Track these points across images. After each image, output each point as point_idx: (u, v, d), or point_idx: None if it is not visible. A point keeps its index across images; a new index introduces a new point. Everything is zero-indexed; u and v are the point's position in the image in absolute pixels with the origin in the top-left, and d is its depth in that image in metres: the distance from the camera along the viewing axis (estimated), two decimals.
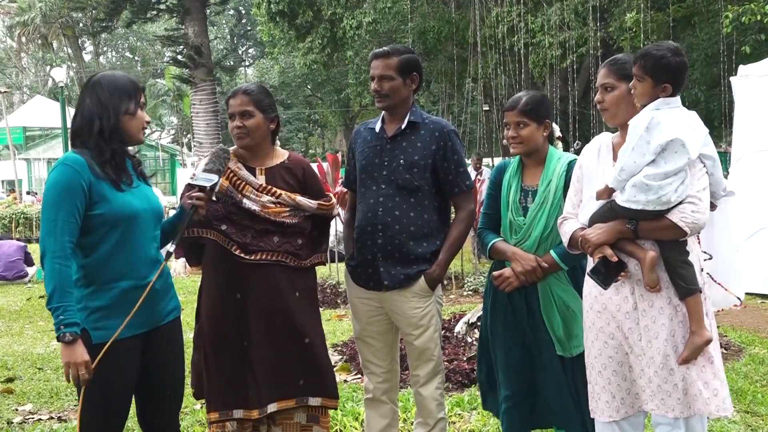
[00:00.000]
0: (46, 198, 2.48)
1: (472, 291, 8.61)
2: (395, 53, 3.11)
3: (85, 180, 2.47)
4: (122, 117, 2.56)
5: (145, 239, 2.61)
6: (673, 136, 2.39)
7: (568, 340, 2.87)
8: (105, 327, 2.49)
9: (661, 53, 2.46)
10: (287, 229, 3.03)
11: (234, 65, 37.68)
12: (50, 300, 2.39)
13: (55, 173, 2.49)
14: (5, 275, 10.93)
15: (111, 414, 2.55)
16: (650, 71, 2.46)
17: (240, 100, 3.00)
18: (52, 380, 5.32)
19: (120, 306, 2.51)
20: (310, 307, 3.12)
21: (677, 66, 2.47)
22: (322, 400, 3.10)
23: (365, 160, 3.19)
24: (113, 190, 2.53)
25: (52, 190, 2.47)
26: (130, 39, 45.04)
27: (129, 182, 2.61)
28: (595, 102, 2.70)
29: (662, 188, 2.38)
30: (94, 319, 2.50)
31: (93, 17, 25.56)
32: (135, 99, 2.60)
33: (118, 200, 2.52)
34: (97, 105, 2.55)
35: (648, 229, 2.46)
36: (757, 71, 8.08)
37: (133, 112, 2.59)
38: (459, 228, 3.17)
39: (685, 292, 2.45)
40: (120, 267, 2.53)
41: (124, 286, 2.53)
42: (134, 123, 2.61)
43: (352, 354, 5.36)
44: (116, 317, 2.50)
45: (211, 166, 2.81)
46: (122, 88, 2.59)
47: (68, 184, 2.45)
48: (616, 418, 2.56)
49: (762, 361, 5.13)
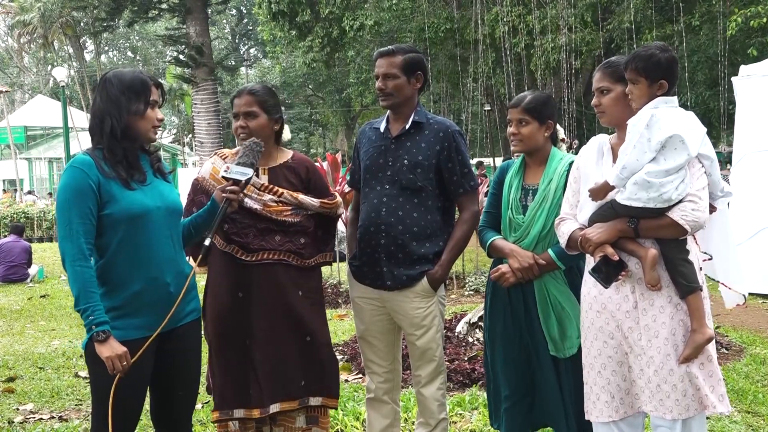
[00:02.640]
0: (59, 202, 2.49)
1: (474, 291, 8.62)
2: (400, 52, 3.11)
3: (93, 180, 2.46)
4: (130, 116, 2.54)
5: (158, 238, 2.57)
6: (673, 132, 2.40)
7: (561, 341, 2.88)
8: (116, 327, 2.48)
9: (650, 52, 2.49)
10: (289, 228, 3.03)
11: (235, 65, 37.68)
12: (77, 303, 2.41)
13: (64, 176, 2.50)
14: (10, 276, 10.95)
15: (123, 414, 2.54)
16: (643, 71, 2.48)
17: (245, 100, 3.00)
18: (53, 380, 5.32)
19: (131, 307, 2.51)
20: (313, 306, 3.12)
21: (667, 61, 2.49)
22: (322, 399, 3.10)
23: (369, 160, 3.18)
24: (122, 189, 2.52)
25: (63, 194, 2.48)
26: (132, 38, 45.07)
27: (142, 179, 2.59)
28: (592, 105, 2.71)
29: (663, 185, 2.39)
30: (108, 318, 2.48)
31: (94, 17, 25.58)
32: (144, 97, 2.57)
33: (127, 199, 2.51)
34: (106, 104, 2.54)
35: (649, 228, 2.46)
36: (758, 71, 8.08)
37: (141, 111, 2.56)
38: (463, 229, 3.17)
39: (687, 291, 2.45)
40: (129, 267, 2.52)
41: (135, 289, 2.52)
42: (143, 122, 2.58)
43: (353, 354, 5.36)
44: (128, 318, 2.50)
45: (245, 160, 2.79)
46: (129, 86, 2.56)
47: (77, 186, 2.45)
48: (615, 418, 2.56)
49: (763, 361, 5.12)
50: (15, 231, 11.66)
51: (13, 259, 10.99)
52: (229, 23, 44.94)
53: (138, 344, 2.51)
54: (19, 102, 41.81)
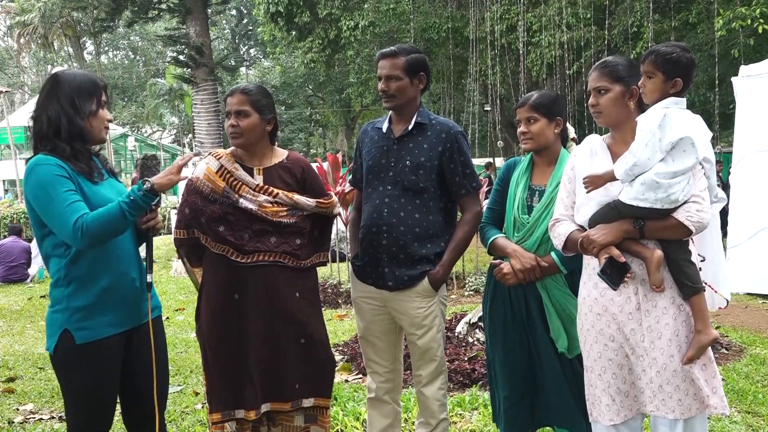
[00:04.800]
0: (40, 202, 2.43)
1: (474, 291, 8.62)
2: (403, 53, 3.09)
3: (65, 168, 2.44)
4: (84, 118, 2.53)
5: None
6: (684, 134, 2.40)
7: (570, 341, 2.87)
8: (87, 327, 2.48)
9: (671, 49, 2.49)
10: (284, 229, 3.02)
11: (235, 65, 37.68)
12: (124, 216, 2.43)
13: (35, 175, 2.43)
14: (10, 277, 10.95)
15: (97, 414, 2.54)
16: (662, 66, 2.47)
17: (237, 99, 2.99)
18: (53, 380, 5.31)
19: (102, 304, 2.50)
20: (310, 307, 3.10)
21: (687, 62, 2.49)
22: (314, 400, 3.09)
23: (372, 161, 3.18)
24: (89, 184, 2.51)
25: (40, 192, 2.42)
26: (132, 39, 45.06)
27: (100, 177, 2.60)
28: (589, 105, 2.69)
29: (672, 186, 2.39)
30: (77, 319, 2.48)
31: (94, 17, 25.58)
32: (96, 98, 2.57)
33: (96, 195, 2.51)
34: (59, 105, 2.51)
35: (654, 229, 2.45)
36: (758, 71, 8.08)
37: (94, 112, 2.56)
38: (464, 229, 3.16)
39: (691, 291, 2.45)
40: (98, 263, 2.50)
41: (104, 285, 2.51)
42: (96, 123, 2.57)
43: (353, 354, 5.36)
44: (98, 316, 2.49)
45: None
46: (81, 87, 2.55)
47: (50, 176, 2.41)
48: (617, 421, 2.55)
49: (763, 362, 5.12)
50: (13, 232, 11.67)
51: (13, 259, 11.00)
52: (229, 23, 44.91)
53: (109, 342, 2.51)
54: (19, 102, 41.79)
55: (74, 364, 2.49)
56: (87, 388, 2.51)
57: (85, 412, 2.53)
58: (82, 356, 2.48)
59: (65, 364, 2.52)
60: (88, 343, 2.48)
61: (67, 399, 2.57)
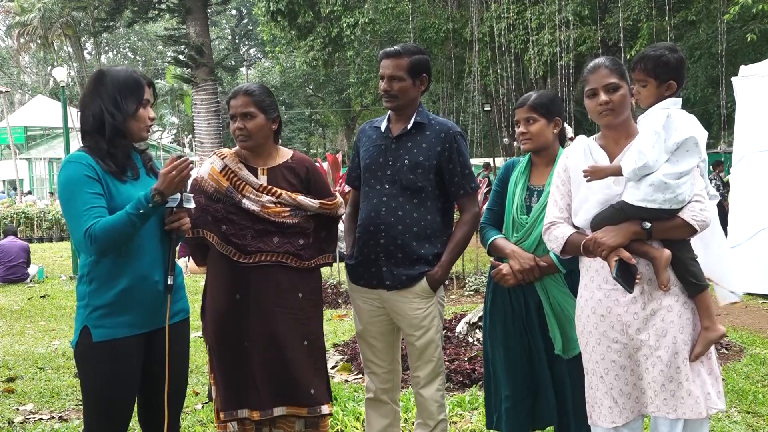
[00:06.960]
0: (65, 197, 2.47)
1: (474, 291, 8.62)
2: (406, 53, 3.07)
3: (95, 171, 2.46)
4: (126, 117, 2.54)
5: (148, 235, 2.56)
6: (689, 134, 2.40)
7: (566, 342, 2.87)
8: (105, 325, 2.48)
9: (659, 53, 2.48)
10: (287, 229, 3.00)
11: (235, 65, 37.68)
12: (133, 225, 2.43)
13: (65, 172, 2.49)
14: (10, 277, 10.95)
15: (113, 414, 2.54)
16: (652, 72, 2.47)
17: (241, 101, 2.97)
18: (53, 380, 5.32)
19: (120, 305, 2.50)
20: (313, 309, 3.08)
21: (676, 62, 2.48)
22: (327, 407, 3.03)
23: (369, 159, 3.17)
24: (117, 183, 2.52)
25: (64, 190, 2.47)
26: (132, 39, 45.07)
27: (135, 176, 2.60)
28: (600, 103, 2.55)
29: (679, 187, 2.39)
30: (96, 316, 2.49)
31: (94, 17, 25.58)
32: (138, 96, 2.57)
33: (123, 194, 2.51)
34: (101, 101, 2.53)
35: (662, 229, 2.45)
36: (758, 71, 8.08)
37: (133, 112, 2.56)
38: (463, 230, 3.16)
39: (697, 289, 2.46)
40: (118, 264, 2.50)
41: (123, 286, 2.50)
42: (135, 122, 2.58)
43: (353, 354, 5.36)
44: (117, 316, 2.49)
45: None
46: (124, 85, 2.56)
47: (78, 177, 2.45)
48: (619, 423, 2.54)
49: (763, 362, 5.12)
50: (9, 233, 11.78)
51: (12, 258, 11.00)
52: (229, 23, 44.94)
53: (126, 342, 2.50)
54: (19, 102, 41.81)
55: (90, 360, 2.50)
56: (101, 386, 2.51)
57: (99, 410, 2.53)
58: (98, 354, 2.49)
59: (82, 359, 2.53)
60: (104, 341, 2.48)
61: (84, 396, 2.58)
